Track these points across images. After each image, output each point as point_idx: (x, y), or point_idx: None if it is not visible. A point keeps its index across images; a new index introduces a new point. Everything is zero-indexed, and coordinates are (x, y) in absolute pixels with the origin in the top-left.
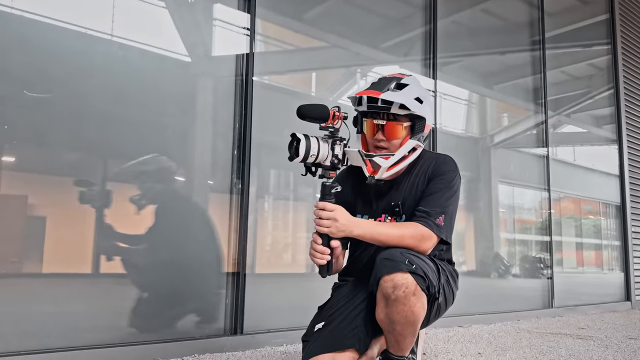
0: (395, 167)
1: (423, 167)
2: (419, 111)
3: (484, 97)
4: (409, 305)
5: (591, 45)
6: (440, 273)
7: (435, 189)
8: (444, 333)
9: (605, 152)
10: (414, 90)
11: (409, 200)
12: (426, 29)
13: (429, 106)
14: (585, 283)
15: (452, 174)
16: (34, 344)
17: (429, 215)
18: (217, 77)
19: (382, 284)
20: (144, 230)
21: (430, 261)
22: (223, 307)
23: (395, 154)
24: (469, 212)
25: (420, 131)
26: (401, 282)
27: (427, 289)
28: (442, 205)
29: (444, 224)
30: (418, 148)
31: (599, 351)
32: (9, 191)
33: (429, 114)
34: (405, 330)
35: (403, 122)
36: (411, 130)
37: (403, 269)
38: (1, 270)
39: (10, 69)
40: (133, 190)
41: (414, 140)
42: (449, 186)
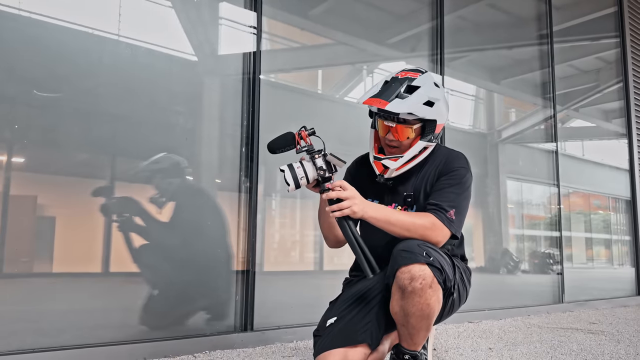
0: (405, 167)
1: (435, 162)
2: (428, 115)
3: (491, 92)
4: (425, 298)
5: (600, 39)
6: (456, 269)
7: (446, 184)
8: (454, 329)
9: (615, 146)
10: (424, 93)
11: (419, 192)
12: (433, 24)
13: (442, 105)
14: (595, 278)
15: (464, 171)
16: (47, 341)
17: (440, 208)
18: (224, 75)
19: (399, 275)
20: (155, 229)
21: (446, 256)
22: (233, 304)
23: (405, 155)
24: (477, 208)
25: (431, 132)
26: (418, 274)
27: (444, 282)
28: (453, 199)
29: (455, 218)
30: (429, 147)
31: (611, 346)
32: (19, 191)
33: (441, 114)
34: (420, 324)
35: (413, 125)
36: (421, 132)
37: (421, 261)
38: (13, 269)
39: (19, 69)
40: (143, 190)
41: (423, 142)
42: (461, 182)
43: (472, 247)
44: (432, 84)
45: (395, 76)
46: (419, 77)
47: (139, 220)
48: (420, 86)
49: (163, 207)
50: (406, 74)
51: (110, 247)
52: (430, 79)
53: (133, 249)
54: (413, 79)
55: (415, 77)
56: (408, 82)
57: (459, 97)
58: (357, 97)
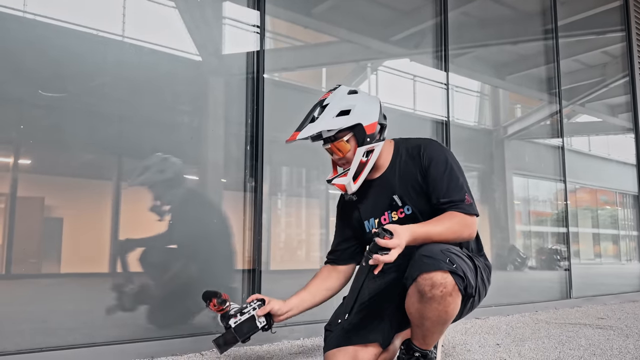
0: (360, 177)
1: (407, 154)
2: (347, 123)
3: (496, 88)
4: (443, 305)
5: (605, 33)
6: (477, 271)
7: (440, 176)
8: (461, 325)
9: (621, 141)
10: (334, 106)
11: (405, 188)
12: (437, 20)
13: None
14: (603, 274)
15: (443, 154)
16: (56, 340)
17: (455, 202)
18: (228, 75)
19: (420, 280)
20: (161, 229)
21: (468, 259)
22: (240, 303)
23: (350, 167)
24: (483, 204)
25: (363, 136)
26: (440, 282)
27: (465, 289)
28: (457, 185)
29: (471, 200)
30: (374, 149)
31: (620, 341)
32: (26, 193)
33: (364, 115)
34: (435, 328)
35: (343, 136)
36: (356, 139)
37: (444, 268)
38: (21, 270)
39: (24, 70)
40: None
41: (362, 147)
42: (449, 166)
43: None
44: (343, 94)
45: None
46: (330, 95)
47: (146, 219)
48: (329, 103)
49: (165, 215)
50: (321, 98)
51: (117, 247)
52: (341, 91)
53: (140, 249)
54: (324, 99)
55: (326, 97)
56: (319, 104)
57: (464, 94)
58: None
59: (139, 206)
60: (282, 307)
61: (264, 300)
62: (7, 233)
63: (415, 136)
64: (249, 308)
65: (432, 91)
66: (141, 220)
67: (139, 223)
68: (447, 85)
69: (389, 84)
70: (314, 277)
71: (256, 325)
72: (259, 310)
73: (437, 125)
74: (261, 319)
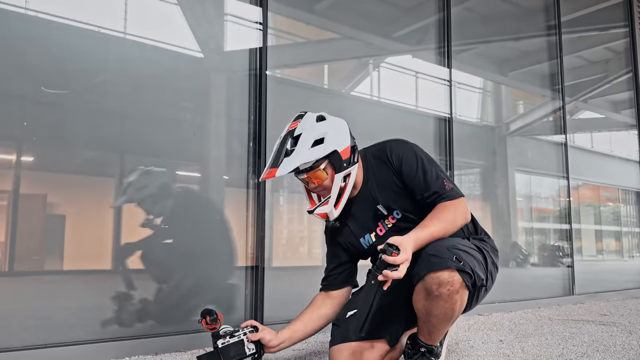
0: (341, 202)
1: (376, 161)
2: (323, 153)
3: (499, 85)
4: (450, 303)
5: (608, 29)
6: (487, 262)
7: (413, 173)
8: (464, 321)
9: (624, 137)
10: (308, 136)
11: (387, 195)
12: (439, 16)
13: (334, 134)
14: (606, 270)
15: (410, 150)
16: (60, 337)
17: (437, 193)
18: (231, 72)
19: (427, 279)
20: (164, 227)
21: (476, 250)
22: (243, 299)
23: (331, 194)
24: (485, 201)
25: (339, 162)
26: (447, 280)
27: (473, 284)
28: (432, 177)
29: (450, 185)
30: (350, 172)
31: (623, 337)
32: (29, 190)
33: (338, 141)
34: (441, 324)
35: (320, 165)
36: (333, 166)
37: (451, 267)
38: (24, 267)
39: (27, 67)
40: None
41: (340, 173)
42: (419, 160)
43: None
44: (313, 122)
45: (281, 135)
46: (299, 125)
47: (149, 217)
48: (301, 132)
49: (158, 229)
50: (288, 129)
51: (119, 244)
52: (309, 119)
53: (143, 246)
54: (293, 130)
55: (295, 127)
56: (290, 135)
57: (467, 90)
58: (363, 92)
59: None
60: (274, 339)
61: (257, 327)
62: (10, 230)
63: (416, 133)
64: (240, 332)
65: (434, 88)
66: (143, 218)
67: (141, 220)
68: (449, 81)
69: (391, 80)
70: (307, 306)
71: (244, 351)
72: (250, 335)
73: (440, 122)
74: (251, 345)
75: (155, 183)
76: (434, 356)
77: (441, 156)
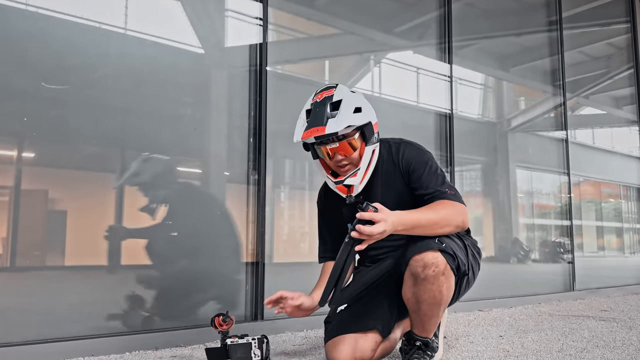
0: (366, 176)
1: (390, 159)
2: (363, 120)
3: (500, 81)
4: (437, 285)
5: (610, 24)
6: (467, 249)
7: (421, 177)
8: (464, 317)
9: (625, 133)
10: (350, 102)
11: (388, 195)
12: (440, 12)
13: (368, 107)
14: (606, 267)
15: (422, 156)
16: (61, 332)
17: (439, 191)
18: (231, 67)
19: (412, 263)
20: (164, 222)
21: (457, 238)
22: (243, 295)
23: (360, 166)
24: (486, 197)
25: (371, 135)
26: (431, 262)
27: (457, 268)
28: (438, 182)
29: (454, 192)
30: (376, 149)
31: (623, 332)
32: (30, 186)
33: (371, 114)
34: (432, 311)
35: (353, 135)
36: (363, 138)
37: (434, 247)
38: (25, 263)
39: (27, 63)
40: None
41: (370, 146)
42: (430, 168)
43: (482, 237)
44: (349, 92)
45: (314, 101)
46: (336, 92)
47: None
48: (342, 98)
49: (155, 214)
50: (322, 95)
51: (120, 240)
52: (345, 89)
53: (143, 242)
54: (331, 96)
55: (332, 93)
56: (329, 100)
57: (468, 86)
58: (364, 87)
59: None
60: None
61: (263, 340)
62: (12, 226)
63: (417, 129)
64: (249, 337)
65: (435, 83)
66: (144, 213)
67: (142, 216)
68: (450, 77)
69: (392, 76)
70: (321, 276)
71: (250, 356)
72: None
73: (441, 118)
74: (257, 351)
75: (156, 178)
76: (430, 349)
77: (442, 152)
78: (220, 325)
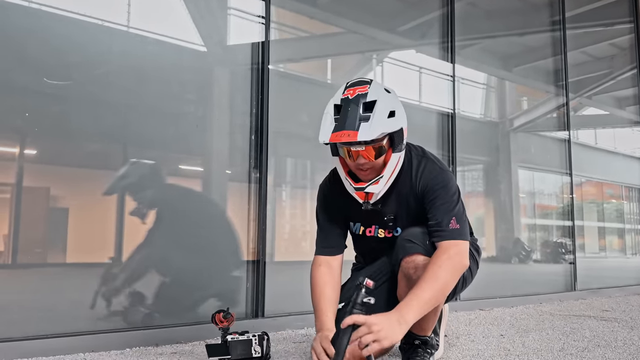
0: (387, 184)
1: (409, 171)
2: (395, 127)
3: (502, 80)
4: None
5: (613, 24)
6: None
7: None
8: (465, 316)
9: (628, 134)
10: (385, 105)
11: (401, 213)
12: (443, 11)
13: (401, 110)
14: (608, 267)
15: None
16: (62, 328)
17: (440, 226)
18: (234, 65)
19: (404, 264)
20: (165, 220)
21: None
22: (244, 292)
23: (384, 174)
24: (488, 197)
25: (400, 142)
26: (423, 263)
27: None
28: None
29: (459, 225)
30: (402, 156)
31: (624, 332)
32: (32, 183)
33: (403, 118)
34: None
35: (382, 141)
36: (391, 143)
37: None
38: (27, 260)
39: (29, 59)
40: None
41: (397, 153)
42: (445, 194)
43: (484, 237)
44: (384, 91)
45: (345, 97)
46: (370, 90)
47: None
48: (377, 99)
49: (145, 218)
50: (355, 91)
51: (122, 237)
52: (380, 87)
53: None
54: (365, 94)
55: (366, 91)
56: (362, 99)
57: (470, 86)
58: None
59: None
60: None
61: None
62: (13, 223)
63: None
64: (250, 334)
65: (437, 83)
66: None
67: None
68: (453, 77)
69: (395, 75)
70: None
71: (250, 352)
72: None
73: (443, 118)
74: (257, 348)
75: (155, 176)
76: (430, 347)
77: (444, 152)
78: (221, 322)
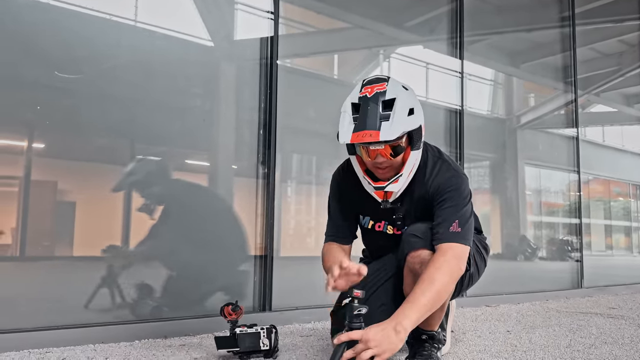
0: (406, 183)
1: (423, 171)
2: (415, 125)
3: (510, 77)
4: None
5: (622, 21)
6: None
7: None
8: (471, 312)
9: (636, 131)
10: (405, 103)
11: (411, 214)
12: (452, 6)
13: (419, 107)
14: (615, 265)
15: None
16: (71, 319)
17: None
18: (242, 60)
19: (409, 259)
20: (174, 214)
21: None
22: (252, 286)
23: (403, 172)
24: (494, 194)
25: (419, 139)
26: (427, 258)
27: None
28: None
29: (460, 229)
30: (419, 154)
31: (631, 330)
32: (39, 177)
33: (422, 116)
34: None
35: (401, 139)
36: (409, 141)
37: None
38: (35, 253)
39: (39, 53)
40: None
41: (416, 151)
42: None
43: (490, 234)
44: (402, 88)
45: (363, 95)
46: (388, 87)
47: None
48: (395, 97)
49: (154, 214)
50: (373, 89)
51: (129, 230)
52: (398, 85)
53: (153, 232)
54: (383, 92)
55: (384, 89)
56: (381, 97)
57: (478, 82)
58: None
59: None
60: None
61: (272, 330)
62: (21, 216)
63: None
64: (258, 327)
65: (445, 79)
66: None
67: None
68: (461, 73)
69: (402, 71)
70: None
71: (259, 345)
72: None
73: (451, 114)
74: (266, 340)
75: (163, 172)
76: (437, 342)
77: (451, 148)
78: (230, 315)
